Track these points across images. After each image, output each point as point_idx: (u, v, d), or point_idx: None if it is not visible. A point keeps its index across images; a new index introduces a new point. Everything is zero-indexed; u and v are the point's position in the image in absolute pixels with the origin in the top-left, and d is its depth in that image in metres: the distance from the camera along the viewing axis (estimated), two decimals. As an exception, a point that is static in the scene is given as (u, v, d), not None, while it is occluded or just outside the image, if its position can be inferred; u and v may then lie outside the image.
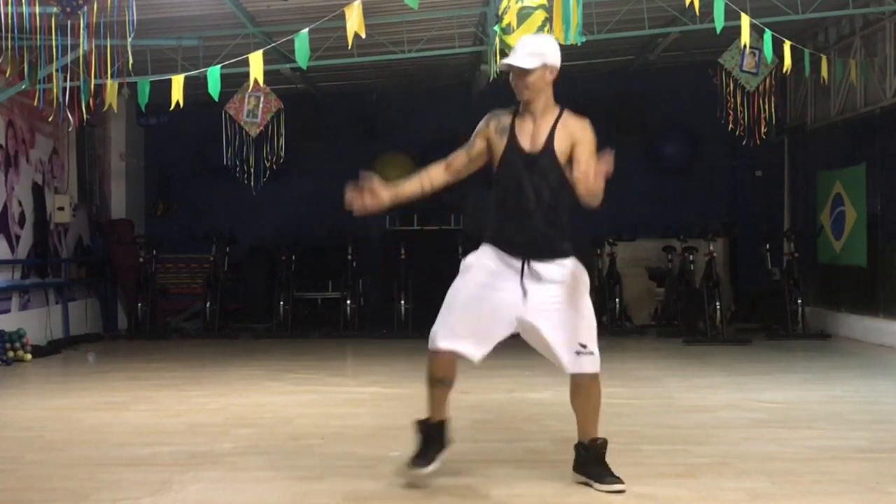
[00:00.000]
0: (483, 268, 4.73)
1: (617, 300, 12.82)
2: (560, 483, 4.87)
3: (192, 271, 14.09)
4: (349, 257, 13.30)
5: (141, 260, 13.05)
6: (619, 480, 4.70)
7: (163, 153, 15.01)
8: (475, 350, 4.71)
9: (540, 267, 4.73)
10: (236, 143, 11.51)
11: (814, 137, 13.16)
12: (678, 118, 14.40)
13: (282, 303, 12.98)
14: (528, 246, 4.73)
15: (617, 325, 12.75)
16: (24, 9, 8.05)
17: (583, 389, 4.80)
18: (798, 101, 13.63)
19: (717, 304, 11.64)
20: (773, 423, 6.49)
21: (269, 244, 14.09)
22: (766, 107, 11.20)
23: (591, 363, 4.70)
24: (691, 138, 14.52)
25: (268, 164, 11.59)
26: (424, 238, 13.78)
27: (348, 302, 12.97)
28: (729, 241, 13.88)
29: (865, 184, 11.53)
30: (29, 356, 10.27)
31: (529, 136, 4.74)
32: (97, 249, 13.61)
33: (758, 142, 11.44)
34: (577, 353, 4.68)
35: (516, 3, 8.16)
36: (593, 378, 4.76)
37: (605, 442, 4.86)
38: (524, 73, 4.68)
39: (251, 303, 14.01)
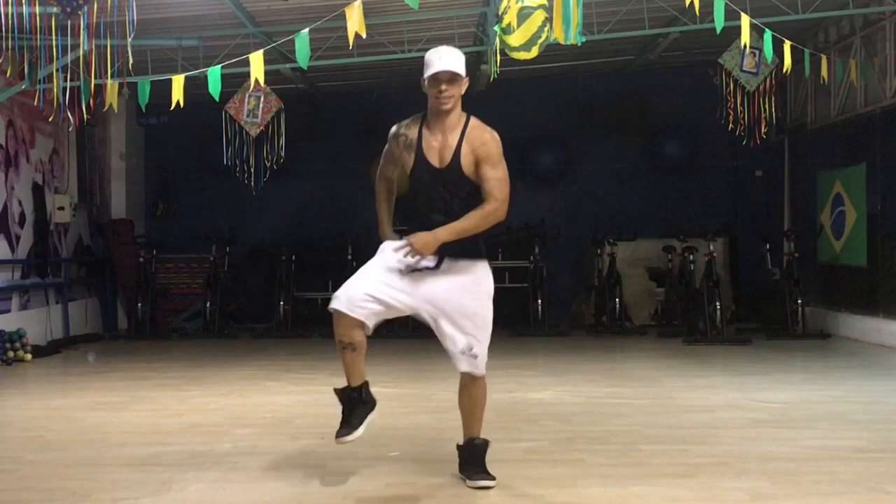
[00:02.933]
0: (390, 251, 4.75)
1: (617, 300, 12.82)
2: (560, 483, 4.87)
3: (192, 271, 14.10)
4: (349, 257, 13.30)
5: (141, 260, 13.06)
6: (488, 477, 4.80)
7: (163, 153, 15.02)
8: (369, 317, 4.65)
9: (449, 263, 4.74)
10: (236, 143, 11.51)
11: (814, 137, 13.16)
12: (678, 118, 14.40)
13: (282, 303, 12.98)
14: (440, 249, 4.70)
15: (617, 325, 12.75)
16: (24, 9, 8.06)
17: (465, 389, 4.91)
18: (798, 101, 13.63)
19: (717, 304, 11.64)
20: (773, 423, 6.49)
21: (269, 244, 14.09)
22: (766, 107, 11.19)
23: (473, 365, 4.79)
24: (691, 138, 14.53)
25: (268, 164, 11.59)
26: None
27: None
28: (729, 241, 13.88)
29: (865, 184, 11.53)
30: (29, 356, 10.28)
31: (437, 152, 4.72)
32: (97, 249, 13.61)
33: (758, 142, 11.45)
34: (463, 352, 4.76)
35: (516, 3, 8.16)
36: (476, 379, 4.86)
37: (484, 443, 4.95)
38: (457, 80, 4.66)
39: (251, 303, 14.01)
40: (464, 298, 4.73)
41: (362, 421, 4.80)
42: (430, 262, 4.69)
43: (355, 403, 4.81)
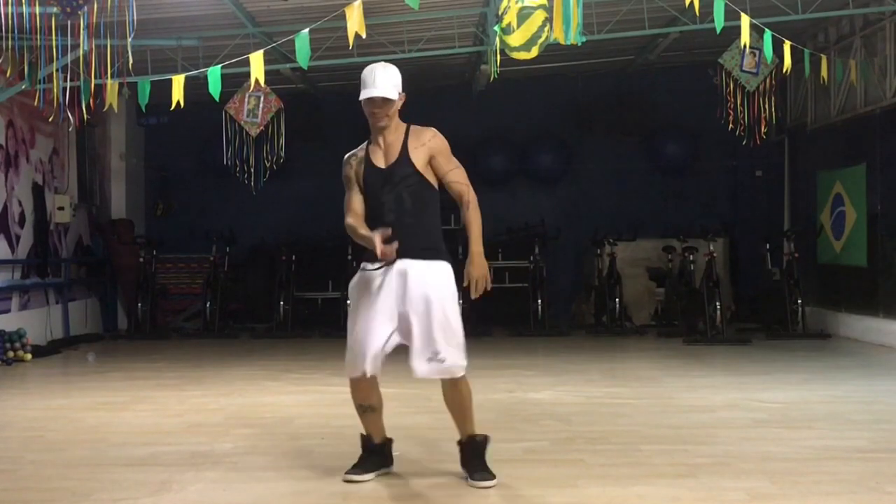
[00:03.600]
0: (361, 293, 4.88)
1: (617, 300, 12.82)
2: (560, 483, 4.87)
3: (192, 271, 14.10)
4: (349, 257, 13.29)
5: (141, 260, 13.05)
6: (489, 476, 4.84)
7: (163, 153, 15.01)
8: (366, 364, 4.78)
9: (408, 264, 4.78)
10: (236, 143, 11.50)
11: (814, 137, 13.16)
12: (678, 118, 14.40)
13: (282, 303, 12.98)
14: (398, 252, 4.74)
15: (617, 325, 12.75)
16: (24, 9, 8.05)
17: (446, 392, 4.94)
18: (798, 101, 13.63)
19: (717, 304, 11.64)
20: (773, 423, 6.49)
21: (269, 244, 14.08)
22: (766, 107, 11.19)
23: (438, 371, 4.78)
24: (691, 138, 14.52)
25: (268, 164, 11.59)
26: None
27: (348, 302, 12.93)
28: (729, 241, 13.88)
29: (865, 184, 11.53)
30: (29, 356, 10.28)
31: (382, 155, 4.92)
32: (97, 249, 13.61)
33: (758, 142, 11.44)
34: (429, 359, 4.76)
35: (516, 3, 8.15)
36: (455, 382, 4.86)
37: (484, 438, 4.99)
38: (389, 103, 4.84)
39: (251, 303, 14.01)
40: (433, 305, 4.76)
41: (375, 470, 4.97)
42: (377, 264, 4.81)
43: (374, 454, 5.01)
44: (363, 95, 4.83)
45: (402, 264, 4.77)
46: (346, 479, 4.88)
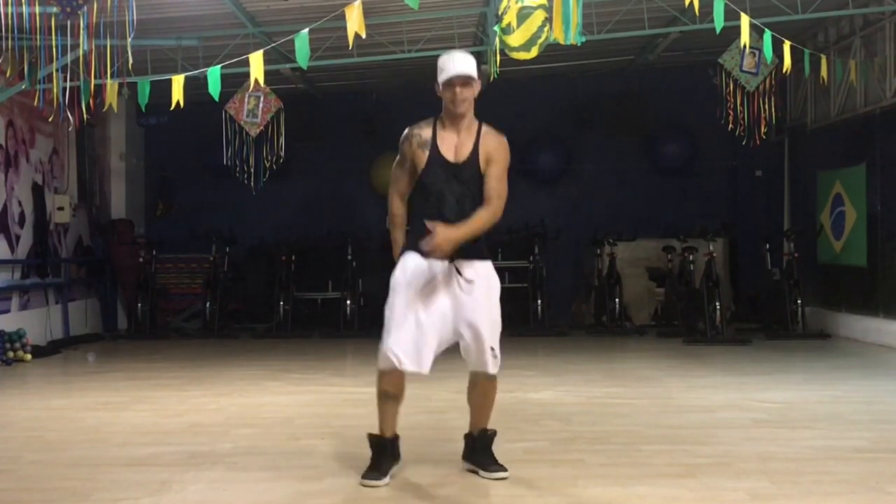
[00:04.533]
0: (411, 280, 4.79)
1: (617, 300, 12.82)
2: (560, 483, 4.87)
3: (192, 271, 14.09)
4: (349, 257, 13.31)
5: (141, 260, 13.05)
6: (503, 468, 4.93)
7: (163, 153, 15.01)
8: (422, 363, 4.75)
9: (466, 264, 4.80)
10: (236, 143, 11.50)
11: (814, 137, 13.16)
12: (678, 118, 14.39)
13: (282, 303, 12.98)
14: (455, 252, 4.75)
15: (617, 325, 12.75)
16: (24, 9, 8.05)
17: (481, 388, 4.98)
18: (798, 101, 13.63)
19: (717, 304, 11.64)
20: (773, 423, 6.49)
21: (269, 244, 14.09)
22: (766, 107, 11.19)
23: (494, 365, 4.85)
24: (691, 138, 14.52)
25: (268, 164, 11.59)
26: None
27: (348, 302, 12.97)
28: (729, 241, 13.88)
29: (865, 184, 11.53)
30: (29, 356, 10.28)
31: (453, 148, 4.83)
32: (97, 249, 13.61)
33: (758, 142, 11.44)
34: (492, 355, 4.83)
35: (516, 3, 8.15)
36: (493, 379, 4.92)
37: (494, 432, 5.06)
38: (471, 83, 4.78)
39: (251, 303, 14.01)
40: (489, 306, 4.82)
41: (389, 470, 4.93)
42: (443, 267, 4.76)
43: (386, 453, 4.96)
44: (442, 78, 4.75)
45: (461, 264, 4.76)
46: (365, 483, 4.84)
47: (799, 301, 12.10)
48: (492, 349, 4.80)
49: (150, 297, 12.89)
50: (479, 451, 5.02)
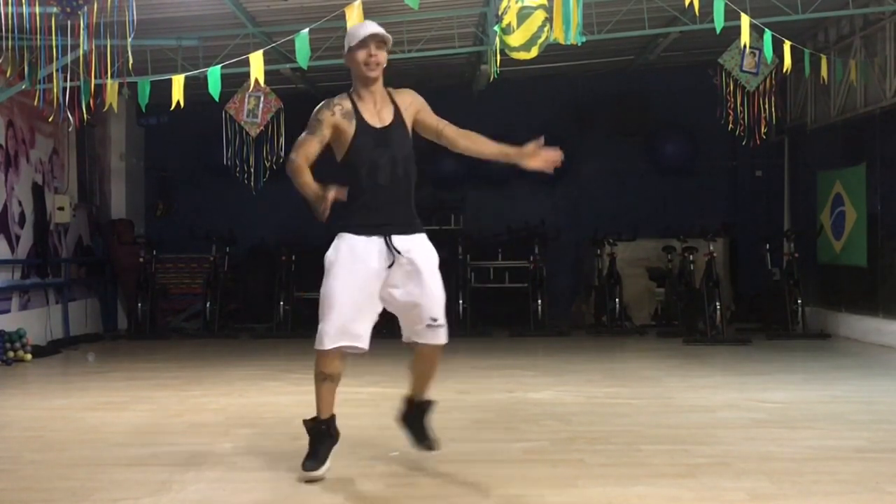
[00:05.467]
0: (346, 261, 4.81)
1: (617, 300, 12.82)
2: (560, 483, 4.87)
3: (192, 271, 14.10)
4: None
5: (141, 260, 13.05)
6: (436, 445, 5.05)
7: (163, 153, 15.01)
8: (360, 339, 4.83)
9: (399, 241, 4.80)
10: (236, 143, 11.51)
11: (814, 137, 13.16)
12: (678, 118, 14.39)
13: (282, 303, 12.97)
14: (386, 222, 4.80)
15: (617, 325, 12.75)
16: (24, 9, 8.05)
17: (427, 358, 4.97)
18: (798, 101, 13.63)
19: (717, 304, 11.64)
20: (773, 423, 6.49)
21: (269, 244, 14.09)
22: (766, 107, 11.20)
23: (442, 335, 4.87)
24: (691, 138, 14.52)
25: (268, 164, 11.59)
26: (424, 238, 13.76)
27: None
28: (729, 241, 13.88)
29: (865, 184, 11.53)
30: (29, 356, 10.28)
31: (376, 114, 4.85)
32: (97, 249, 13.61)
33: (758, 142, 11.44)
34: (429, 326, 4.82)
35: (516, 3, 8.16)
36: (440, 348, 4.93)
37: (433, 404, 5.13)
38: (384, 47, 4.82)
39: (251, 303, 14.01)
40: (431, 278, 4.82)
41: (328, 454, 4.93)
42: (377, 249, 4.77)
43: (323, 437, 4.94)
44: (359, 36, 4.76)
45: (396, 242, 4.77)
46: (306, 474, 4.84)
47: (799, 301, 12.10)
48: (433, 319, 4.79)
49: (150, 297, 12.89)
50: (422, 419, 5.10)
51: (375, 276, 4.78)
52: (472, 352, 10.37)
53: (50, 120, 10.22)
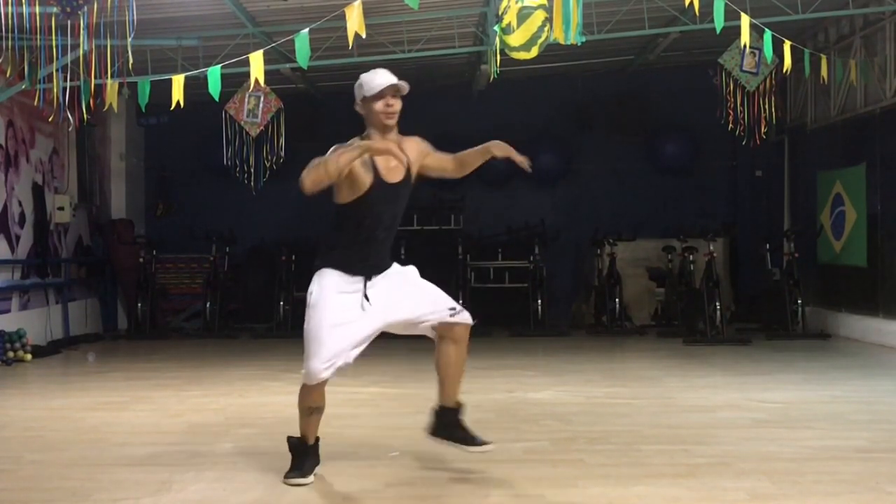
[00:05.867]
0: (331, 297, 4.76)
1: (617, 300, 12.82)
2: (560, 483, 4.87)
3: (192, 271, 14.10)
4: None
5: (141, 260, 13.05)
6: (486, 441, 5.00)
7: (163, 153, 15.01)
8: (347, 362, 4.81)
9: (376, 279, 4.85)
10: (236, 143, 11.50)
11: (814, 137, 13.16)
12: (678, 118, 14.39)
13: (282, 303, 12.97)
14: (371, 267, 4.84)
15: (617, 325, 12.75)
16: (24, 9, 8.05)
17: (458, 343, 4.93)
18: (798, 101, 13.64)
19: (717, 304, 11.64)
20: (773, 423, 6.49)
21: (269, 244, 14.09)
22: (766, 107, 11.19)
23: (467, 316, 4.92)
24: (691, 138, 14.52)
25: (268, 164, 11.59)
26: (424, 238, 13.77)
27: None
28: (729, 241, 13.88)
29: (865, 184, 11.53)
30: (29, 356, 10.28)
31: (390, 168, 4.82)
32: (97, 249, 13.61)
33: (758, 142, 11.44)
34: (451, 315, 4.88)
35: (516, 3, 8.15)
36: (469, 330, 4.94)
37: (462, 406, 5.07)
38: (399, 94, 4.83)
39: (251, 303, 14.01)
40: (410, 284, 4.90)
41: (312, 471, 4.96)
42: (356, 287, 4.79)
43: (307, 456, 4.99)
44: (376, 87, 4.74)
45: (375, 279, 4.81)
46: (289, 482, 4.86)
47: (799, 301, 12.10)
48: (452, 308, 4.86)
49: (150, 297, 12.89)
50: (457, 427, 5.02)
51: (360, 310, 4.77)
52: (472, 352, 10.28)
53: (50, 120, 10.22)
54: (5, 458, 5.59)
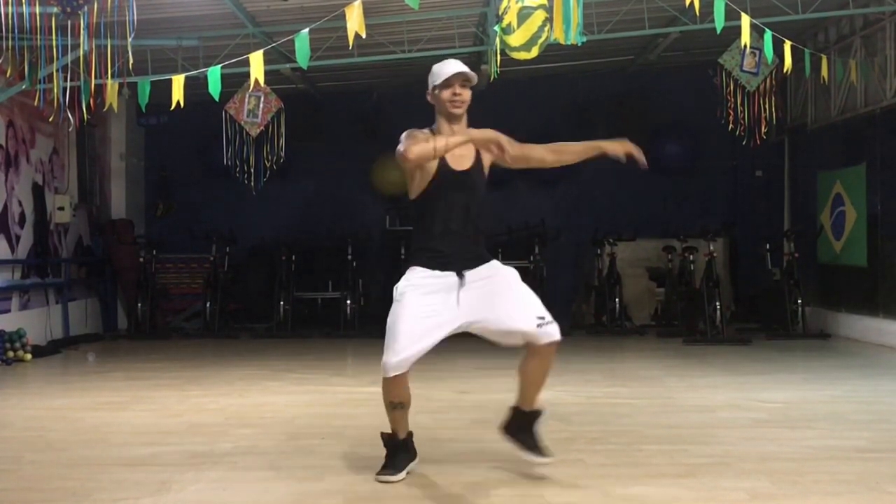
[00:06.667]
0: (416, 292, 4.75)
1: (617, 300, 12.82)
2: (560, 483, 4.87)
3: (192, 271, 14.10)
4: (349, 257, 13.30)
5: (141, 260, 13.05)
6: (548, 453, 4.95)
7: (163, 153, 15.02)
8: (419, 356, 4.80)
9: (470, 274, 4.81)
10: (236, 143, 11.50)
11: (814, 137, 13.16)
12: (678, 118, 14.40)
13: (282, 303, 12.98)
14: (457, 259, 4.81)
15: (617, 325, 12.75)
16: (24, 9, 8.05)
17: (542, 358, 4.89)
18: (798, 101, 13.64)
19: (717, 304, 11.64)
20: (773, 423, 6.49)
21: (269, 244, 14.09)
22: (767, 107, 11.19)
23: (555, 330, 4.83)
24: (691, 138, 14.52)
25: (268, 164, 11.58)
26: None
27: (348, 302, 12.97)
28: (729, 241, 13.88)
29: (865, 184, 11.53)
30: (29, 356, 10.28)
31: (457, 157, 4.82)
32: (97, 249, 13.61)
33: (758, 142, 11.44)
34: (539, 325, 4.79)
35: (516, 3, 8.15)
36: (555, 346, 4.87)
37: (541, 413, 5.04)
38: (468, 83, 4.84)
39: (251, 303, 14.01)
40: (503, 287, 4.82)
41: (405, 467, 4.95)
42: (447, 283, 4.76)
43: (399, 450, 4.98)
44: (443, 76, 4.78)
45: (467, 276, 4.77)
46: (380, 479, 4.87)
47: (799, 301, 12.11)
48: (541, 318, 4.77)
49: (150, 297, 12.89)
50: (525, 431, 5.00)
51: (445, 308, 4.74)
52: (472, 352, 10.33)
53: (50, 120, 10.22)
54: (5, 458, 5.59)
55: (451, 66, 4.85)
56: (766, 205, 14.69)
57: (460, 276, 4.77)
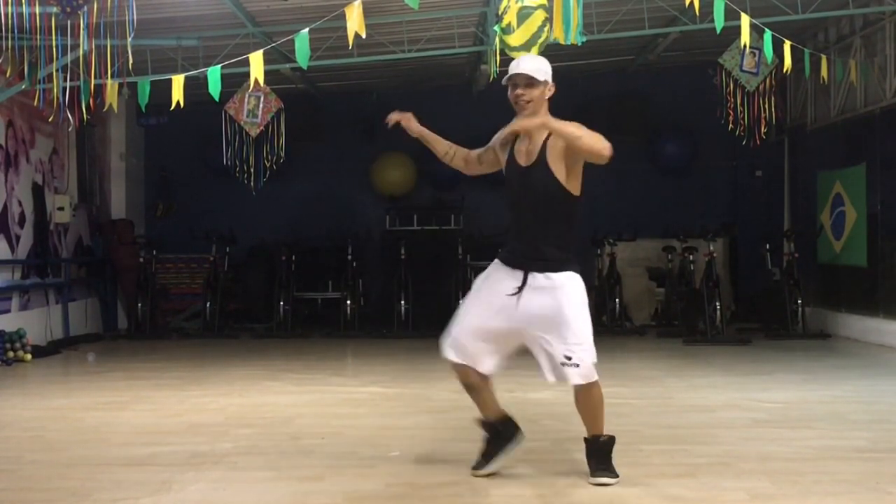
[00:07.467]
0: (488, 285, 4.87)
1: (617, 300, 12.82)
2: (560, 483, 4.87)
3: (192, 271, 14.10)
4: (349, 257, 13.30)
5: (141, 260, 13.05)
6: (611, 475, 4.84)
7: (163, 153, 15.02)
8: (475, 361, 4.87)
9: (539, 278, 4.79)
10: (236, 143, 11.49)
11: (814, 137, 13.16)
12: (678, 118, 14.39)
13: (282, 303, 12.97)
14: (525, 257, 4.82)
15: (617, 325, 12.75)
16: (24, 9, 8.05)
17: (575, 393, 4.91)
18: (798, 101, 13.64)
19: (717, 304, 11.64)
20: (773, 423, 6.49)
21: (269, 244, 14.08)
22: (766, 107, 11.19)
23: (574, 374, 4.75)
24: (691, 138, 14.52)
25: (268, 164, 11.58)
26: (424, 238, 13.78)
27: (348, 302, 12.96)
28: (729, 241, 13.88)
29: (865, 184, 11.53)
30: (29, 356, 10.28)
31: (525, 151, 4.83)
32: (97, 249, 13.61)
33: (758, 142, 11.44)
34: (562, 364, 4.77)
35: (516, 3, 8.15)
36: (588, 387, 4.82)
37: (609, 439, 4.95)
38: (533, 85, 4.74)
39: (251, 303, 14.01)
40: (557, 312, 4.73)
41: (496, 453, 4.97)
42: (515, 281, 4.78)
43: (491, 436, 5.01)
44: (510, 72, 4.78)
45: (536, 278, 4.77)
46: (474, 473, 4.93)
47: (799, 301, 12.11)
48: (567, 358, 4.71)
49: (150, 297, 12.89)
50: (593, 457, 4.94)
51: (506, 307, 4.77)
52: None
53: (50, 120, 10.21)
54: (5, 458, 5.59)
55: (515, 65, 4.80)
56: (766, 205, 14.69)
57: (527, 275, 4.77)
